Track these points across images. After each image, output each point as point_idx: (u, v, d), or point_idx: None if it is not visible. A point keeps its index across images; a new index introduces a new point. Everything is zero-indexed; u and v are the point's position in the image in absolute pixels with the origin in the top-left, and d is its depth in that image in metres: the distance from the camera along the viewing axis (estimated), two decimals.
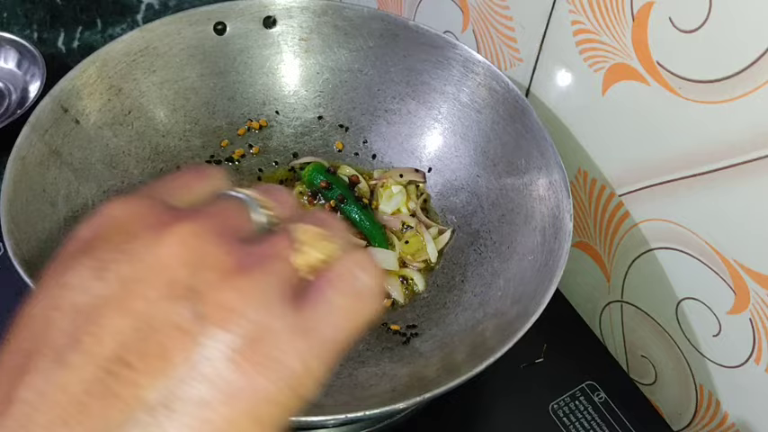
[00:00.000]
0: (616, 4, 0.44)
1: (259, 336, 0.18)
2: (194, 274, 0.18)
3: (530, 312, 0.41)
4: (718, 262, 0.45)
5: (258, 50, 0.58)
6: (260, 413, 0.18)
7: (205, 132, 0.58)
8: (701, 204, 0.44)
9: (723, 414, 0.49)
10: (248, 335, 0.18)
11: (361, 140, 0.60)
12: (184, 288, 0.18)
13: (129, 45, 0.53)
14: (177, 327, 0.17)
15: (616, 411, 0.52)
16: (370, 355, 0.48)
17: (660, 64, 0.43)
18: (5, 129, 0.62)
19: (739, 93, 0.39)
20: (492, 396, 0.52)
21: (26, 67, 0.70)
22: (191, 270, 0.18)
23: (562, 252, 0.44)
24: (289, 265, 0.20)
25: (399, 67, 0.57)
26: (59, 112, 0.49)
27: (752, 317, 0.44)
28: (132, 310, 0.17)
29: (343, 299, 0.20)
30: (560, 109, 0.54)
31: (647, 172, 0.47)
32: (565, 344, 0.55)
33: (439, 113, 0.57)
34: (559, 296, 0.59)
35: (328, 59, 0.59)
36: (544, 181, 0.48)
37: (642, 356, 0.55)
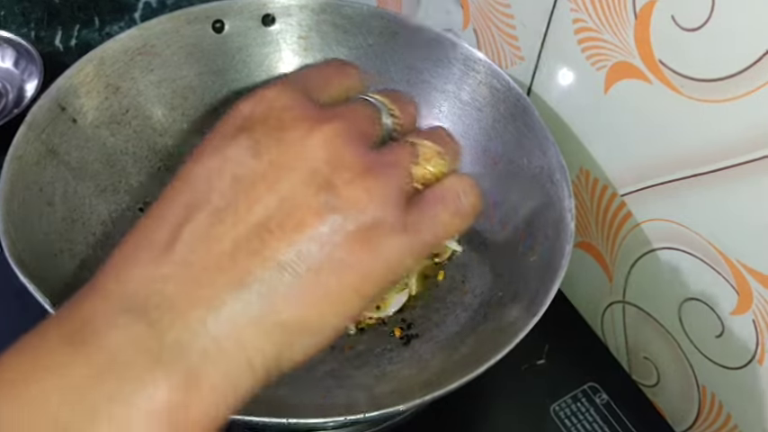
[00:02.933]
0: (618, 2, 0.44)
1: (374, 228, 0.22)
2: (332, 170, 0.22)
3: (531, 313, 0.40)
4: (722, 262, 0.44)
5: (257, 49, 0.58)
6: (360, 286, 0.22)
7: (203, 132, 0.58)
8: (704, 204, 0.44)
9: (726, 416, 0.49)
10: (366, 225, 0.22)
11: None
12: (323, 180, 0.22)
13: (126, 43, 0.53)
14: (312, 209, 0.21)
15: (618, 413, 0.51)
16: (371, 357, 0.48)
17: (662, 62, 0.43)
18: (2, 128, 0.62)
19: (743, 91, 0.39)
20: (493, 397, 0.52)
21: (23, 66, 0.70)
22: (330, 166, 0.22)
23: (564, 252, 0.43)
24: (408, 174, 0.24)
25: (399, 65, 0.57)
26: (56, 110, 0.49)
27: (755, 318, 0.44)
28: (279, 190, 0.21)
29: (446, 214, 0.24)
30: (562, 108, 0.53)
31: (650, 171, 0.47)
32: (566, 345, 0.55)
33: (439, 112, 0.57)
34: (561, 297, 0.59)
35: (327, 58, 0.59)
36: (546, 180, 0.48)
37: (644, 357, 0.54)
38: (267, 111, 0.23)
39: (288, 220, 0.21)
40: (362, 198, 0.22)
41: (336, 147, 0.22)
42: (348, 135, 0.23)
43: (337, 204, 0.21)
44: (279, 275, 0.21)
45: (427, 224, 0.23)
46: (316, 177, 0.22)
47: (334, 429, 0.47)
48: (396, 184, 0.23)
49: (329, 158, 0.22)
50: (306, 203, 0.21)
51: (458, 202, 0.24)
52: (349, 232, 0.21)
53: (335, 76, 0.27)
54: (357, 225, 0.21)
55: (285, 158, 0.22)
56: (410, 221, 0.23)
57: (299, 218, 0.21)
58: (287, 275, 0.21)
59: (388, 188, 0.22)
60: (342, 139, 0.22)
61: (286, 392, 0.44)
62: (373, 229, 0.22)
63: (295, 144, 0.22)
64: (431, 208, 0.24)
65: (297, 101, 0.23)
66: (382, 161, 0.23)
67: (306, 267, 0.21)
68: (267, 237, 0.21)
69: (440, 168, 0.24)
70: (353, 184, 0.22)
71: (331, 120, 0.23)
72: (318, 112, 0.23)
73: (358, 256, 0.22)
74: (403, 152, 0.24)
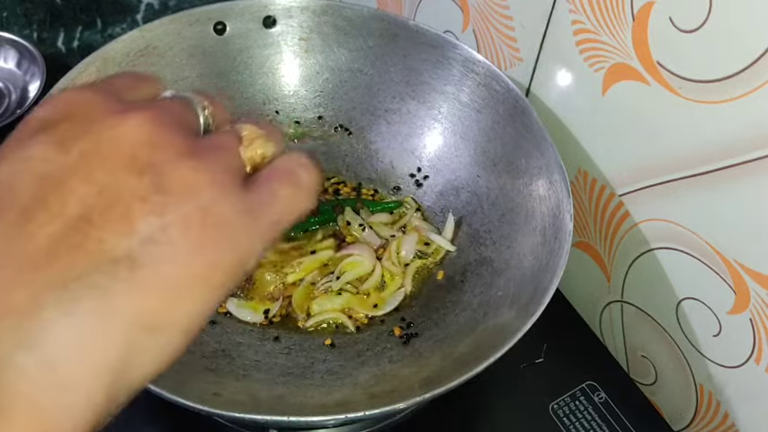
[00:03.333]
0: (616, 4, 0.44)
1: (212, 209, 0.20)
2: (153, 152, 0.20)
3: (530, 312, 0.41)
4: (719, 262, 0.45)
5: (258, 50, 0.58)
6: (209, 276, 0.20)
7: None
8: (701, 204, 0.44)
9: (723, 414, 0.49)
10: (203, 207, 0.20)
11: (361, 141, 0.60)
12: (145, 164, 0.19)
13: (128, 45, 0.53)
14: (138, 195, 0.19)
15: (616, 411, 0.52)
16: (371, 356, 0.48)
17: (660, 64, 0.43)
18: (5, 128, 0.62)
19: (739, 92, 0.39)
20: (492, 396, 0.52)
21: (26, 67, 0.70)
22: (150, 149, 0.20)
23: (562, 252, 0.43)
24: (237, 156, 0.22)
25: (399, 66, 0.57)
26: None
27: (752, 317, 0.44)
28: (96, 180, 0.19)
29: (285, 190, 0.22)
30: (560, 109, 0.54)
31: (648, 172, 0.47)
32: (565, 344, 0.55)
33: (439, 113, 0.57)
34: (559, 296, 0.59)
35: (328, 59, 0.59)
36: (544, 181, 0.48)
37: (642, 356, 0.55)
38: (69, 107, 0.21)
39: (111, 209, 0.19)
40: (192, 177, 0.20)
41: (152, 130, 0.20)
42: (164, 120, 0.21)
43: (165, 185, 0.19)
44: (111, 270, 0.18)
45: (268, 203, 0.22)
46: (136, 161, 0.19)
47: (335, 427, 0.47)
48: (225, 163, 0.21)
49: (148, 140, 0.20)
50: (129, 189, 0.19)
51: (295, 178, 0.23)
52: (185, 215, 0.19)
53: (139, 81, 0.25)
54: (192, 207, 0.19)
55: (98, 148, 0.19)
56: (250, 200, 0.21)
57: (125, 205, 0.19)
58: (122, 269, 0.18)
59: (219, 167, 0.21)
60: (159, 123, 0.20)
61: (287, 391, 0.45)
62: (211, 210, 0.20)
63: (107, 132, 0.20)
64: (267, 186, 0.22)
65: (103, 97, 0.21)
66: (206, 144, 0.21)
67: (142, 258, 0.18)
68: (89, 229, 0.18)
69: (267, 150, 0.23)
70: (179, 164, 0.20)
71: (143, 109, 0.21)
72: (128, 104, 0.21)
73: (200, 241, 0.19)
74: (226, 136, 0.23)
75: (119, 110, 0.21)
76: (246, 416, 0.36)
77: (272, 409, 0.37)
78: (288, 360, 0.48)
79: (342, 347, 0.49)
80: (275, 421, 0.36)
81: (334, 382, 0.46)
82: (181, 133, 0.21)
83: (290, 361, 0.47)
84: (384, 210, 0.57)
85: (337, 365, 0.47)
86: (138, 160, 0.19)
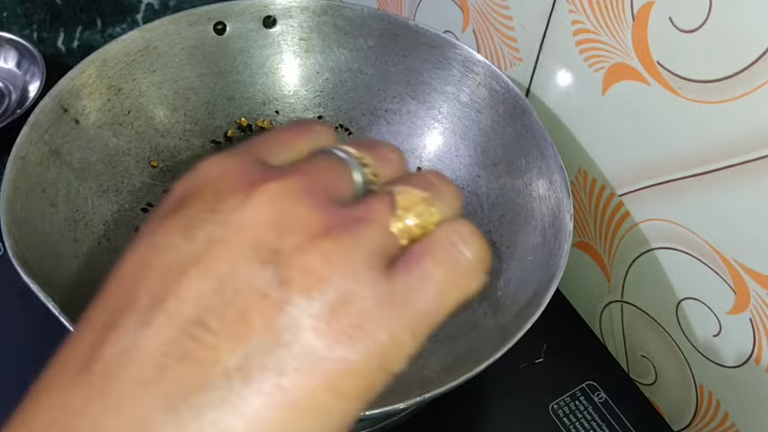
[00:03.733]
0: (616, 4, 0.44)
1: (344, 304, 0.17)
2: (280, 236, 0.17)
3: (530, 312, 0.41)
4: (719, 262, 0.45)
5: (258, 50, 0.58)
6: (340, 385, 0.17)
7: (205, 132, 0.58)
8: (701, 204, 0.44)
9: (723, 414, 0.49)
10: (333, 303, 0.17)
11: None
12: (269, 251, 0.17)
13: (128, 45, 0.53)
14: (259, 291, 0.17)
15: (616, 411, 0.52)
16: None
17: (660, 64, 0.43)
18: (5, 129, 0.62)
19: (740, 92, 0.39)
20: (492, 396, 0.52)
21: (26, 67, 0.70)
22: (277, 232, 0.17)
23: (562, 252, 0.43)
24: (383, 231, 0.18)
25: (399, 66, 0.57)
26: (59, 111, 0.49)
27: (752, 317, 0.44)
28: (215, 273, 0.17)
29: (441, 270, 0.18)
30: (560, 109, 0.54)
31: (648, 172, 0.47)
32: (565, 344, 0.55)
33: (439, 113, 0.57)
34: (559, 296, 0.59)
35: (328, 59, 0.59)
36: (544, 181, 0.48)
37: (642, 356, 0.55)
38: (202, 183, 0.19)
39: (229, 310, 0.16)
40: (320, 266, 0.17)
41: (283, 207, 0.17)
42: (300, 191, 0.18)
43: (290, 278, 0.17)
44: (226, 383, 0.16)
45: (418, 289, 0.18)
46: (259, 248, 0.17)
47: None
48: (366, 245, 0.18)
49: (274, 222, 0.17)
50: (248, 284, 0.17)
51: (454, 254, 0.19)
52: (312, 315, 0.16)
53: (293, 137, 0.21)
54: (320, 303, 0.17)
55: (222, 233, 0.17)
56: (395, 290, 0.18)
57: (243, 306, 0.16)
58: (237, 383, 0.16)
59: (356, 250, 0.17)
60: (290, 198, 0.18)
61: None
62: (345, 306, 0.17)
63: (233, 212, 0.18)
64: (418, 266, 0.18)
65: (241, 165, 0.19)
66: (347, 217, 0.18)
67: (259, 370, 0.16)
68: (202, 335, 0.16)
69: (427, 218, 0.19)
70: (308, 250, 0.17)
71: (279, 177, 0.18)
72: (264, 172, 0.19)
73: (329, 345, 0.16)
74: (375, 204, 0.19)
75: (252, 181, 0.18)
76: None
77: None
78: None
79: None
80: None
81: None
82: (317, 207, 0.18)
83: None
84: None
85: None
86: (261, 248, 0.17)
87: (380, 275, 0.18)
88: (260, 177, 0.18)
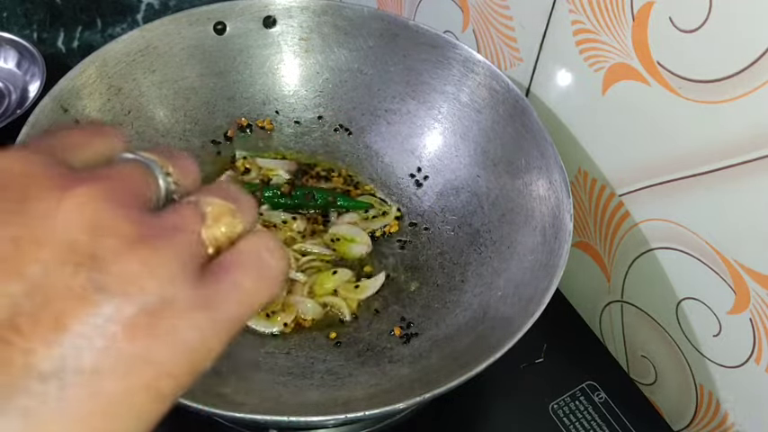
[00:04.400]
0: (616, 4, 0.44)
1: (160, 308, 0.17)
2: (95, 240, 0.17)
3: (530, 312, 0.41)
4: (719, 262, 0.45)
5: (258, 50, 0.58)
6: (155, 385, 0.17)
7: (205, 132, 0.58)
8: (701, 204, 0.44)
9: (723, 414, 0.49)
10: (149, 307, 0.17)
11: (361, 142, 0.60)
12: (84, 254, 0.17)
13: (128, 45, 0.53)
14: (74, 294, 0.16)
15: (616, 411, 0.52)
16: (371, 356, 0.48)
17: (660, 64, 0.43)
18: (5, 128, 0.62)
19: (739, 92, 0.39)
20: (492, 396, 0.52)
21: (26, 67, 0.70)
22: (91, 236, 0.17)
23: (562, 252, 0.44)
24: (196, 239, 0.19)
25: (399, 66, 0.57)
26: (59, 112, 0.49)
27: (752, 317, 0.44)
28: (26, 275, 0.16)
29: (249, 280, 0.20)
30: (560, 109, 0.54)
31: (648, 172, 0.47)
32: (565, 344, 0.55)
33: (439, 113, 0.57)
34: (559, 296, 0.59)
35: (328, 59, 0.59)
36: (544, 181, 0.48)
37: (642, 356, 0.55)
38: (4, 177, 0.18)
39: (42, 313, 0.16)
40: (137, 271, 0.17)
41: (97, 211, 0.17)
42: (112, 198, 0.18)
43: (106, 283, 0.17)
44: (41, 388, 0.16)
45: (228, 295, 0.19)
46: (74, 251, 0.17)
47: (335, 427, 0.47)
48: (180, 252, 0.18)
49: (88, 226, 0.17)
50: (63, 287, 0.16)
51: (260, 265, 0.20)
52: (129, 318, 0.17)
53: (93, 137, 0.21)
54: (138, 307, 0.17)
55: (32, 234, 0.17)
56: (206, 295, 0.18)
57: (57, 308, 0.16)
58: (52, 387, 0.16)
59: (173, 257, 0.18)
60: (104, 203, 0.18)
61: (287, 391, 0.45)
62: (159, 310, 0.17)
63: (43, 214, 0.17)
64: (229, 275, 0.19)
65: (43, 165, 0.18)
66: (161, 225, 0.18)
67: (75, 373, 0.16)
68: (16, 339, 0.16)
69: (233, 228, 0.20)
70: (125, 255, 0.17)
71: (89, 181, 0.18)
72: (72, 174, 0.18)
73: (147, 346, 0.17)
74: (187, 213, 0.19)
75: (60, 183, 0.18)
76: (246, 416, 0.36)
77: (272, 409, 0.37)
78: (288, 360, 0.48)
79: (342, 347, 0.49)
80: (275, 421, 0.37)
81: (334, 382, 0.46)
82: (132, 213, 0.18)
83: (290, 361, 0.47)
84: (356, 207, 0.57)
85: (337, 365, 0.47)
86: (76, 250, 0.17)
87: (193, 281, 0.18)
88: (70, 181, 0.18)
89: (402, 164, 0.59)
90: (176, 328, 0.17)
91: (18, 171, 0.18)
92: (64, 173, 0.18)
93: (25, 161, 0.18)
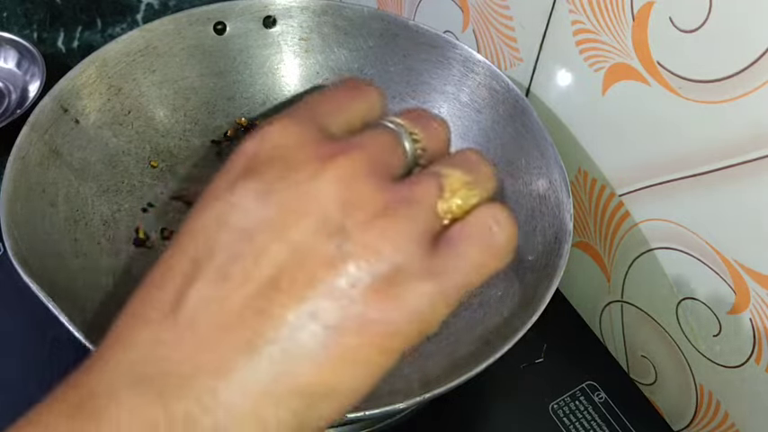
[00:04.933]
0: (616, 4, 0.44)
1: (395, 275, 0.20)
2: (346, 213, 0.20)
3: (530, 312, 0.41)
4: (719, 262, 0.45)
5: (258, 50, 0.58)
6: (385, 343, 0.20)
7: (205, 132, 0.58)
8: (701, 204, 0.44)
9: (723, 414, 0.49)
10: (386, 274, 0.19)
11: None
12: (335, 226, 0.20)
13: (128, 45, 0.53)
14: (325, 259, 0.19)
15: (616, 411, 0.52)
16: None
17: (660, 64, 0.43)
18: (5, 129, 0.62)
19: (740, 92, 0.39)
20: (492, 396, 0.52)
21: (26, 67, 0.70)
22: (344, 209, 0.20)
23: (562, 252, 0.43)
24: (432, 212, 0.21)
25: (399, 66, 0.57)
26: (59, 111, 0.49)
27: (752, 317, 0.44)
28: (289, 239, 0.20)
29: (476, 251, 0.21)
30: (560, 109, 0.54)
31: (648, 172, 0.47)
32: (565, 344, 0.55)
33: (439, 113, 0.57)
34: (559, 296, 0.59)
35: (328, 59, 0.59)
36: (544, 181, 0.48)
37: (642, 356, 0.55)
38: (273, 150, 0.21)
39: (298, 273, 0.19)
40: (378, 242, 0.20)
41: (350, 185, 0.20)
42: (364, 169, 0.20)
43: (351, 251, 0.19)
44: (291, 336, 0.19)
45: (455, 265, 0.21)
46: (327, 222, 0.20)
47: (335, 427, 0.47)
48: (417, 224, 0.20)
49: (342, 199, 0.20)
50: (317, 253, 0.19)
51: (488, 237, 0.21)
52: (367, 282, 0.19)
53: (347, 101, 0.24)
54: (375, 274, 0.19)
55: (295, 203, 0.20)
56: (436, 264, 0.20)
57: (310, 270, 0.19)
58: (300, 336, 0.19)
59: (408, 229, 0.20)
60: (357, 176, 0.20)
61: None
62: (394, 277, 0.20)
63: (305, 185, 0.20)
64: (458, 246, 0.21)
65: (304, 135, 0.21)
66: (401, 197, 0.21)
67: (321, 326, 0.19)
68: (275, 294, 0.19)
69: (468, 201, 0.22)
70: (368, 228, 0.20)
71: (344, 154, 0.21)
72: (330, 146, 0.21)
73: (380, 309, 0.19)
74: (426, 186, 0.21)
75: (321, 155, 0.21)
76: None
77: None
78: None
79: None
80: None
81: None
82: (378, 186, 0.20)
83: None
84: None
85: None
86: (330, 221, 0.20)
87: (426, 251, 0.20)
88: (327, 151, 0.21)
89: None
90: (407, 294, 0.20)
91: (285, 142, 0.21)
92: (324, 143, 0.21)
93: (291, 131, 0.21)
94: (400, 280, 0.20)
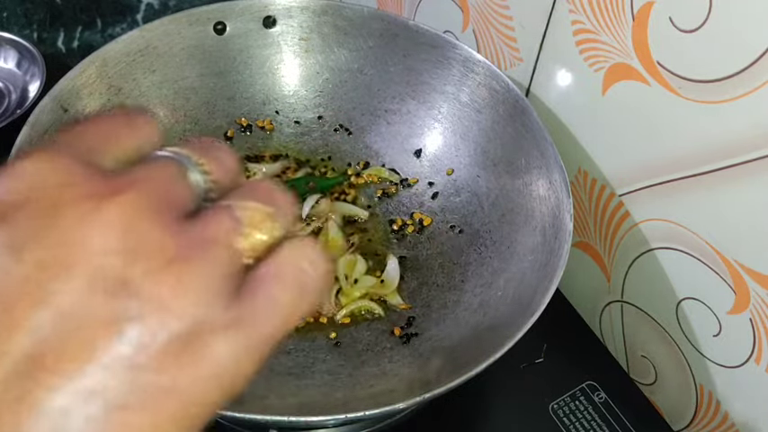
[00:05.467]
0: (616, 4, 0.44)
1: (193, 333, 0.16)
2: (128, 262, 0.16)
3: (530, 312, 0.41)
4: (719, 262, 0.45)
5: (258, 50, 0.58)
6: (184, 415, 0.16)
7: (205, 132, 0.58)
8: (701, 204, 0.44)
9: (723, 414, 0.49)
10: (182, 332, 0.16)
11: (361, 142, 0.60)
12: (115, 279, 0.16)
13: (128, 45, 0.53)
14: (102, 324, 0.15)
15: (616, 411, 0.52)
16: (371, 355, 0.48)
17: (660, 64, 0.43)
18: (5, 128, 0.62)
19: (740, 92, 0.39)
20: (492, 396, 0.52)
21: (26, 67, 0.70)
22: (125, 257, 0.16)
23: (562, 252, 0.43)
24: (232, 251, 0.18)
25: (399, 66, 0.57)
26: (59, 112, 0.49)
27: (752, 317, 0.44)
28: (53, 303, 0.15)
29: (288, 294, 0.18)
30: (560, 109, 0.54)
31: (648, 172, 0.47)
32: (565, 344, 0.55)
33: (439, 113, 0.57)
34: (559, 296, 0.59)
35: (328, 59, 0.59)
36: (544, 181, 0.48)
37: (642, 356, 0.55)
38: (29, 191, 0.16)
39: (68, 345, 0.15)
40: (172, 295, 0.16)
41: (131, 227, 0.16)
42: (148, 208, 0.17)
43: (137, 310, 0.16)
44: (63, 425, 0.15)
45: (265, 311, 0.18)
46: (105, 275, 0.16)
47: (335, 427, 0.47)
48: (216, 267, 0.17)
49: (122, 245, 0.16)
50: (92, 316, 0.15)
51: (301, 278, 0.19)
52: (159, 346, 0.16)
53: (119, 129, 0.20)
54: (169, 333, 0.16)
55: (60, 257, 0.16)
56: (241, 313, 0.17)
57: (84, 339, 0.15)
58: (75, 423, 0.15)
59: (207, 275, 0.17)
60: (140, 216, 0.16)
61: (287, 391, 0.45)
62: (193, 334, 0.16)
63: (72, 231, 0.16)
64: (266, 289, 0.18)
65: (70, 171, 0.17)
66: (196, 238, 0.17)
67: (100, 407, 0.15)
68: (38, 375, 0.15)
69: (272, 233, 0.19)
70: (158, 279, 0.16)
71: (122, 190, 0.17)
72: (104, 182, 0.17)
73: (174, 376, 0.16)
74: (222, 222, 0.18)
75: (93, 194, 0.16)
76: (246, 416, 0.36)
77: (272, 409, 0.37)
78: (288, 360, 0.48)
79: (342, 347, 0.49)
80: (275, 421, 0.37)
81: (334, 382, 0.46)
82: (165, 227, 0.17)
83: (290, 361, 0.47)
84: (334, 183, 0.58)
85: (337, 365, 0.47)
86: (107, 273, 0.16)
87: (229, 299, 0.17)
88: (102, 189, 0.17)
89: (402, 163, 0.59)
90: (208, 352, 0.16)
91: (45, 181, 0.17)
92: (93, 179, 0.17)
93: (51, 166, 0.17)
94: (199, 337, 0.16)
